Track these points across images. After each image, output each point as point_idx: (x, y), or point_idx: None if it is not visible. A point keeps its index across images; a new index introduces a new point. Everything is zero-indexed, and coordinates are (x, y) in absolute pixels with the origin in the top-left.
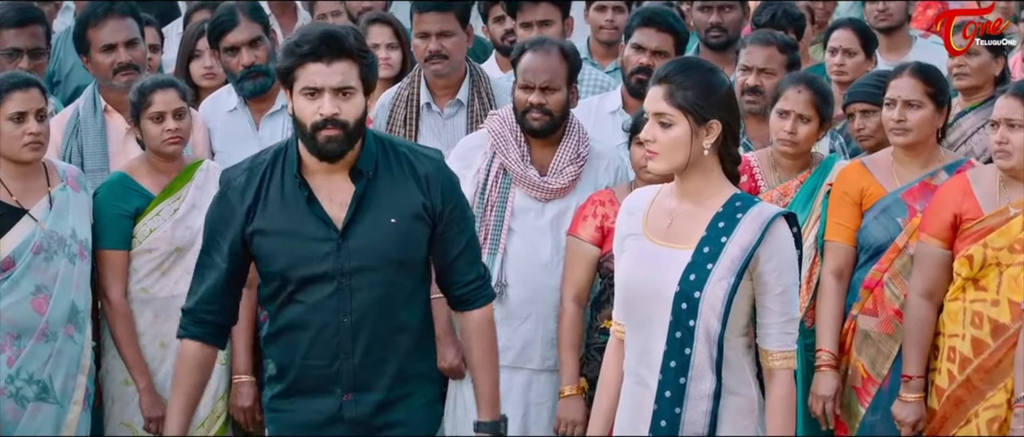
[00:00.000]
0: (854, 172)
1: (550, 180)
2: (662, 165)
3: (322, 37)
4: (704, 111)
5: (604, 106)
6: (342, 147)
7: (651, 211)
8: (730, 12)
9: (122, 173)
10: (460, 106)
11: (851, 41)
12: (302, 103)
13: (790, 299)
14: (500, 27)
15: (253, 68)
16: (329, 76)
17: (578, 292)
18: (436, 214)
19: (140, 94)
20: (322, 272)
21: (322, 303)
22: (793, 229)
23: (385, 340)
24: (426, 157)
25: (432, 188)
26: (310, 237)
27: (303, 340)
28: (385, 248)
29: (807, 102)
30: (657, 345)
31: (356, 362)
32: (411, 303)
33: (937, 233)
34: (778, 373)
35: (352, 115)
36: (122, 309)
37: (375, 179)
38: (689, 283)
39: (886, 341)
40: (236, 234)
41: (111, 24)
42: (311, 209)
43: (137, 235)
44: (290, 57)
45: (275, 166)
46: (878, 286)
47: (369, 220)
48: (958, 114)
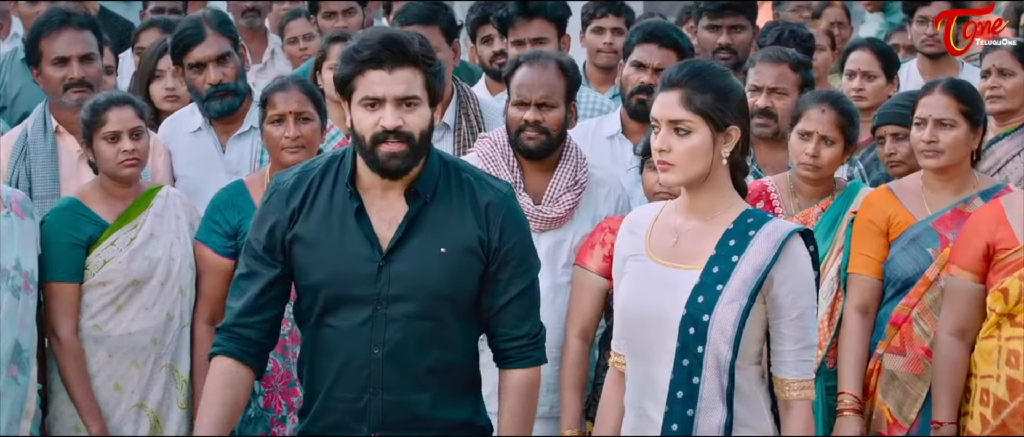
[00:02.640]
0: (881, 199)
1: (545, 209)
2: (677, 177)
3: (384, 42)
4: (724, 116)
5: (602, 130)
6: (406, 163)
7: (654, 229)
8: (741, 33)
9: (73, 199)
10: (446, 129)
11: (870, 63)
12: (361, 114)
13: (807, 324)
14: (488, 49)
15: (221, 87)
16: (392, 85)
17: (584, 327)
18: (490, 251)
19: (93, 112)
20: (358, 295)
21: (354, 330)
22: (810, 248)
23: (420, 379)
24: (491, 187)
25: (491, 221)
26: (352, 254)
27: (330, 368)
28: (429, 279)
29: (831, 123)
30: (662, 374)
31: (386, 400)
32: (454, 344)
33: (968, 265)
34: (795, 404)
35: (417, 127)
36: (72, 348)
37: (432, 203)
38: (697, 306)
39: (914, 383)
40: (278, 239)
41: (66, 35)
42: (359, 224)
43: (89, 267)
44: (349, 64)
45: (327, 173)
46: (906, 323)
47: (417, 246)
48: (991, 141)
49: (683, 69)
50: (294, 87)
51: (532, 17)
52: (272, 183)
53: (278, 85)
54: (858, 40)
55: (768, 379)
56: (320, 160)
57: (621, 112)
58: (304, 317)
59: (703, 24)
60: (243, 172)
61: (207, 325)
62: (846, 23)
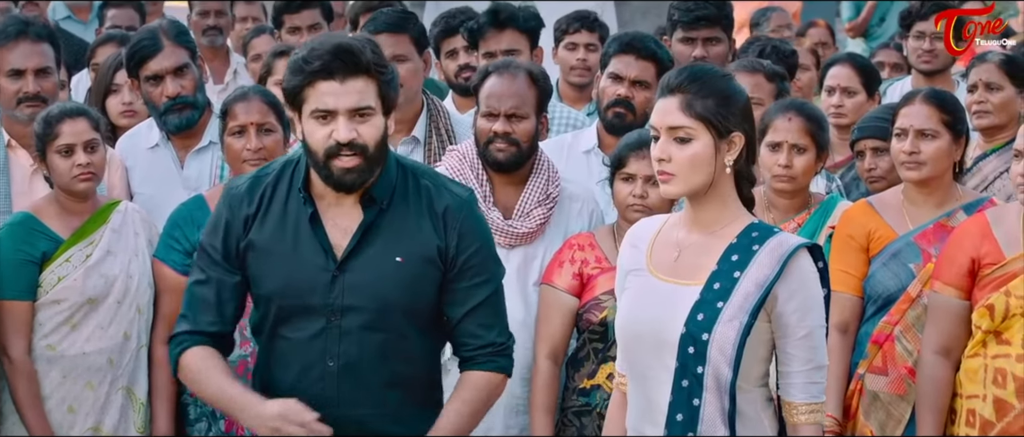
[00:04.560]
0: (860, 213)
1: (515, 223)
2: (678, 188)
3: (335, 51)
4: (727, 122)
5: (578, 144)
6: (362, 177)
7: (656, 243)
8: (716, 45)
9: (27, 214)
10: (416, 143)
11: (850, 78)
12: (313, 127)
13: (816, 344)
14: (453, 62)
15: (179, 100)
16: (344, 96)
17: (553, 348)
18: (448, 259)
19: (45, 124)
20: (311, 305)
21: (308, 342)
22: (819, 264)
23: (376, 394)
24: (450, 192)
25: (449, 228)
26: (305, 262)
27: (284, 382)
28: (384, 289)
29: (800, 130)
30: (662, 396)
31: (341, 415)
32: (412, 356)
33: (952, 281)
34: (804, 428)
35: (372, 138)
36: (25, 368)
37: (388, 209)
38: (697, 324)
39: (897, 403)
40: (233, 245)
41: (22, 47)
42: (313, 232)
43: (43, 284)
44: (298, 75)
45: (281, 178)
46: (888, 341)
47: (372, 255)
48: (979, 157)
49: (682, 73)
50: (255, 97)
51: (504, 28)
52: (226, 188)
53: (239, 95)
54: (838, 55)
55: (775, 404)
56: (275, 164)
57: (598, 126)
58: (259, 328)
59: (677, 37)
60: (202, 189)
61: (165, 346)
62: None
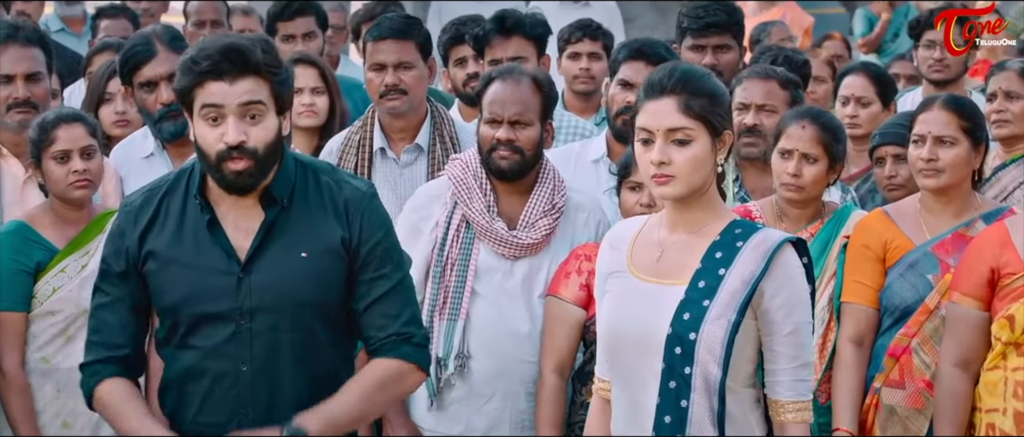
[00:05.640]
0: (876, 222)
1: (520, 234)
2: (678, 190)
3: (223, 51)
4: (721, 121)
5: (586, 153)
6: (253, 180)
7: (637, 244)
8: (726, 53)
9: (21, 222)
10: (420, 152)
11: (865, 88)
12: (204, 129)
13: (802, 340)
14: (462, 71)
15: (173, 106)
16: (232, 96)
17: (560, 362)
18: (352, 251)
19: (41, 130)
20: (219, 311)
21: (218, 348)
22: (804, 259)
23: (293, 396)
24: (351, 185)
25: (351, 220)
26: (208, 268)
27: (196, 392)
28: (292, 287)
29: (813, 139)
30: (648, 399)
31: (257, 419)
32: (327, 355)
33: (971, 292)
34: (791, 427)
35: (262, 140)
36: (18, 381)
37: (289, 207)
38: (683, 323)
39: (915, 418)
40: (131, 260)
41: (12, 52)
42: (213, 236)
43: (38, 295)
44: (187, 75)
45: (176, 187)
46: (905, 354)
47: (276, 253)
48: (998, 167)
49: (673, 74)
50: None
51: (510, 35)
52: (121, 204)
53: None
54: (852, 64)
55: (763, 405)
56: (170, 175)
57: (607, 135)
58: (165, 341)
59: (687, 44)
60: None
61: None
62: (846, 56)
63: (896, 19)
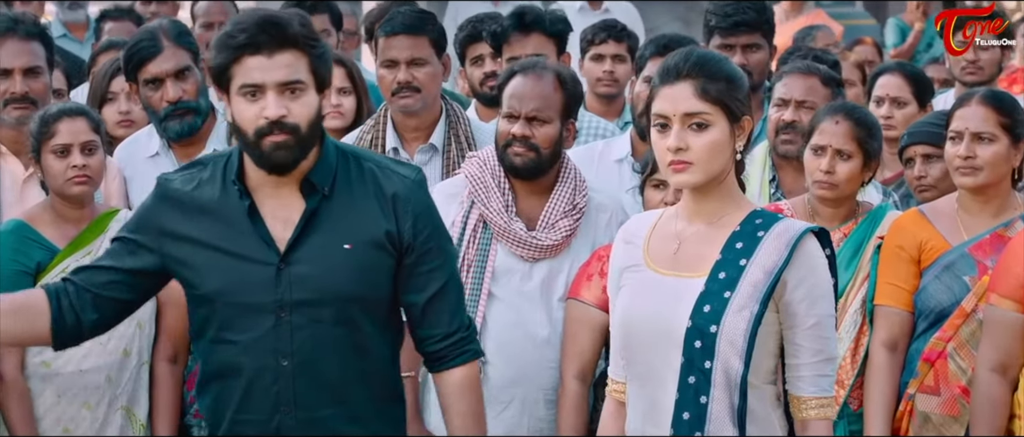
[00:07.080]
0: (911, 223)
1: (539, 235)
2: (697, 177)
3: (261, 24)
4: (741, 106)
5: (610, 153)
6: (293, 155)
7: (653, 237)
8: (756, 52)
9: (20, 221)
10: (434, 152)
11: (900, 88)
12: (242, 106)
13: (825, 334)
14: (479, 70)
15: (180, 105)
16: (272, 71)
17: (582, 367)
18: (403, 245)
19: (42, 123)
20: (257, 302)
21: (257, 342)
22: (826, 250)
23: (336, 392)
24: (397, 174)
25: (400, 212)
26: (246, 258)
27: (235, 389)
28: (335, 280)
29: (846, 135)
30: (667, 397)
31: (300, 417)
32: (370, 350)
33: (1010, 294)
34: (813, 425)
35: (304, 117)
36: (17, 387)
37: (331, 196)
38: (703, 316)
39: (950, 425)
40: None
41: (10, 45)
42: (253, 225)
43: None
44: (224, 51)
45: (214, 173)
46: (940, 359)
47: (318, 244)
48: None
49: (689, 58)
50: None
51: (529, 32)
52: (158, 181)
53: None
54: (887, 64)
55: (784, 402)
56: (207, 157)
57: (631, 134)
58: (200, 333)
59: (715, 43)
60: None
61: (168, 364)
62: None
63: (929, 28)
